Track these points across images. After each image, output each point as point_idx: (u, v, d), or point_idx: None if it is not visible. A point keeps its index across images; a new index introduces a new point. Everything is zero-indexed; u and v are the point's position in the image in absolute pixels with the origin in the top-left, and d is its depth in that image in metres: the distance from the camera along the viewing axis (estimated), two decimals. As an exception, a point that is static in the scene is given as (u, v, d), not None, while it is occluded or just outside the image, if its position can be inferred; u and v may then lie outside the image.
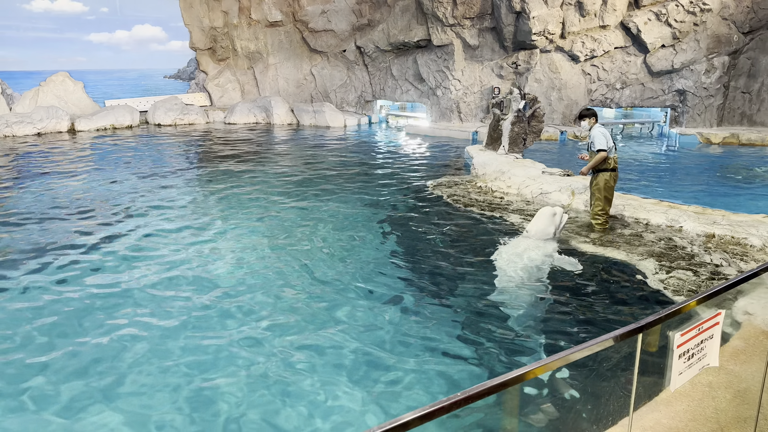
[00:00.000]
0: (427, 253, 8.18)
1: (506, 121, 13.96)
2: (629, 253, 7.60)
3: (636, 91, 21.44)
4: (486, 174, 12.51)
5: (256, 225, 9.58)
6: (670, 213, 8.91)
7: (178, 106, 24.90)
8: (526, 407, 4.16)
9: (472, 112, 23.28)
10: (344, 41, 26.63)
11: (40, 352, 5.36)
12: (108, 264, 7.74)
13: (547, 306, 6.27)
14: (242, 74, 28.31)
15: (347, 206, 10.86)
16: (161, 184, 12.88)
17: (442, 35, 22.90)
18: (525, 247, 7.69)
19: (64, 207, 10.83)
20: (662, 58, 20.75)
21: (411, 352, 5.32)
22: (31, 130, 21.12)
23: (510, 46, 22.12)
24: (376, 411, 4.44)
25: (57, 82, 24.17)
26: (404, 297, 6.59)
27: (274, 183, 12.97)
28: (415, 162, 15.95)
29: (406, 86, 25.28)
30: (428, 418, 1.76)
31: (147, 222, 9.77)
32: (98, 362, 5.16)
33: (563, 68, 21.58)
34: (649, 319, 2.14)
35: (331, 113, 24.58)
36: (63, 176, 13.68)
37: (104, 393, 4.68)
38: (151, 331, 5.74)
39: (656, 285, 6.62)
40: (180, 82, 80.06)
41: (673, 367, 2.28)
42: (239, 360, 5.19)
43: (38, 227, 9.53)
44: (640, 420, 3.56)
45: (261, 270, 7.48)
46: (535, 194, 10.75)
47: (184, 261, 7.81)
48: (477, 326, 5.81)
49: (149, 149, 18.25)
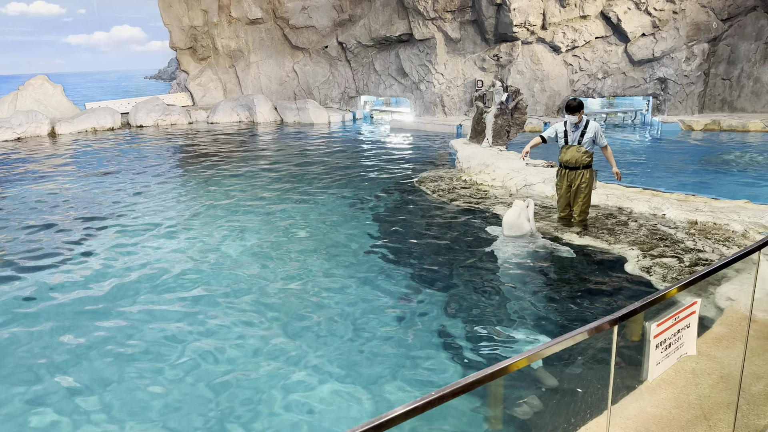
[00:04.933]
0: (411, 246, 8.17)
1: (489, 113, 13.97)
2: (612, 243, 7.63)
3: (618, 80, 21.55)
4: (470, 167, 12.51)
5: (241, 222, 9.51)
6: (653, 201, 8.96)
7: (160, 107, 24.67)
8: (508, 400, 4.16)
9: (455, 105, 23.29)
10: (326, 37, 26.51)
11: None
12: (92, 265, 7.65)
13: (529, 298, 6.29)
14: (224, 73, 28.11)
15: (331, 202, 10.82)
16: (144, 184, 12.75)
17: (423, 29, 22.86)
18: (507, 244, 7.71)
19: (46, 211, 10.69)
20: (643, 46, 20.87)
21: (391, 347, 5.30)
22: (10, 135, 20.83)
23: (491, 38, 22.14)
24: (359, 406, 4.42)
25: (36, 85, 23.86)
26: (387, 290, 6.57)
27: (259, 181, 12.89)
28: (399, 157, 15.92)
29: (390, 81, 25.23)
30: (415, 413, 1.74)
31: (131, 222, 9.67)
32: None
33: (545, 59, 21.64)
34: (624, 311, 2.13)
35: (314, 110, 24.48)
36: (45, 180, 13.50)
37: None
38: (140, 331, 5.68)
39: (640, 273, 6.65)
40: (161, 82, 79.34)
41: (651, 357, 2.28)
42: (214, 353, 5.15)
43: (22, 232, 9.40)
44: (625, 409, 3.57)
45: (245, 265, 7.42)
46: (520, 186, 10.77)
47: (167, 262, 7.73)
48: (459, 320, 5.81)
49: (131, 151, 18.07)
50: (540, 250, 7.52)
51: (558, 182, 8.65)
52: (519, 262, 7.26)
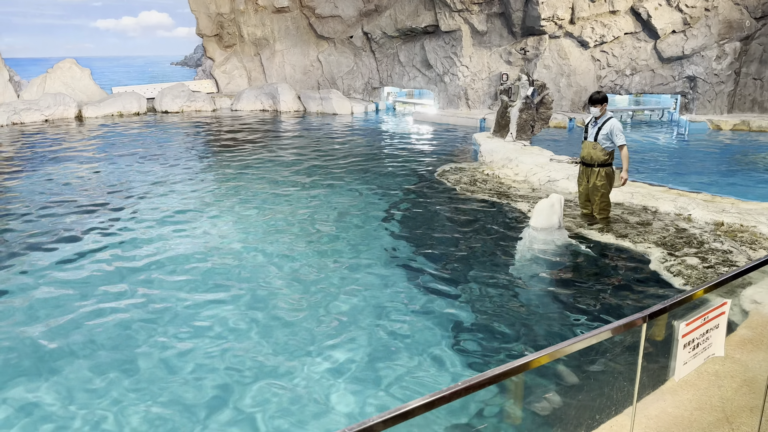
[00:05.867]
0: (431, 238, 8.16)
1: (514, 107, 13.86)
2: (636, 241, 7.55)
3: (646, 77, 21.22)
4: (493, 161, 12.44)
5: (261, 209, 9.57)
6: (679, 201, 8.84)
7: (185, 93, 24.88)
8: (529, 396, 4.15)
9: (479, 98, 23.14)
10: (351, 27, 26.47)
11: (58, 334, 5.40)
12: (117, 246, 7.76)
13: (553, 294, 6.25)
14: (249, 61, 28.22)
15: (353, 192, 10.83)
16: (168, 169, 12.89)
17: (449, 21, 22.71)
18: (532, 239, 7.67)
19: (72, 192, 10.87)
20: (673, 44, 20.51)
21: (416, 338, 5.31)
22: (38, 117, 21.19)
23: (518, 31, 21.92)
24: (379, 399, 4.45)
25: (64, 68, 24.20)
26: (407, 282, 6.58)
27: (280, 169, 12.96)
28: (421, 149, 15.88)
29: (414, 73, 25.13)
30: (430, 407, 1.74)
31: (155, 205, 9.79)
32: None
33: (572, 54, 21.38)
34: (654, 309, 2.11)
35: (338, 100, 24.50)
36: (70, 161, 13.71)
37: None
38: (166, 312, 5.77)
39: (663, 273, 6.57)
40: (187, 68, 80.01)
41: (678, 357, 2.25)
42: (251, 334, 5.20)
43: (46, 212, 9.57)
44: (646, 409, 3.54)
45: (268, 252, 7.48)
46: (543, 182, 10.68)
47: (190, 248, 7.82)
48: (483, 314, 5.80)
49: (156, 136, 18.27)
50: (563, 247, 7.47)
51: (579, 177, 8.57)
52: (541, 258, 7.22)
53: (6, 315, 5.88)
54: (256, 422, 4.16)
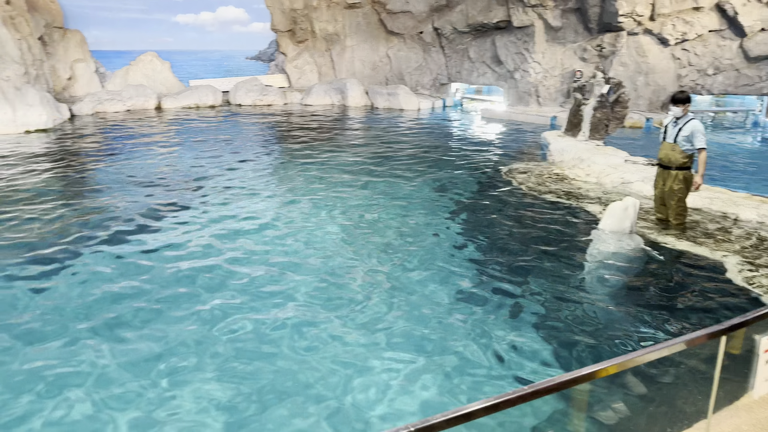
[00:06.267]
0: (497, 240, 8.07)
1: (588, 106, 13.48)
2: (714, 249, 7.21)
3: (730, 77, 20.17)
4: (563, 161, 12.16)
5: (326, 202, 9.72)
6: (762, 208, 8.38)
7: (258, 88, 25.56)
8: (596, 404, 4.05)
9: (551, 96, 22.64)
10: (421, 23, 26.43)
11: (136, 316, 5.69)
12: (188, 232, 8.09)
13: (624, 302, 6.06)
14: (320, 56, 28.66)
15: (418, 188, 10.84)
16: (241, 159, 13.29)
17: (523, 16, 22.31)
18: (601, 242, 7.46)
19: (151, 179, 11.38)
20: (761, 42, 19.38)
21: (477, 342, 5.28)
22: (121, 107, 22.29)
23: (595, 27, 21.30)
24: (437, 400, 4.45)
25: (145, 61, 25.33)
26: (472, 283, 6.54)
27: (347, 163, 13.11)
28: (489, 147, 15.70)
29: (483, 69, 24.85)
30: (493, 410, 1.74)
31: (229, 197, 10.13)
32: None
33: (651, 52, 20.57)
34: (734, 321, 2.02)
35: (405, 96, 24.53)
36: (152, 148, 14.36)
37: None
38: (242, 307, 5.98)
39: (742, 283, 6.26)
40: (260, 63, 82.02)
41: (758, 373, 2.15)
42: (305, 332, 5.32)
43: (127, 197, 10.07)
44: (719, 425, 3.39)
45: (329, 243, 7.60)
46: (616, 184, 10.36)
47: (254, 236, 8.05)
48: (549, 318, 5.70)
49: (230, 128, 18.86)
50: (635, 253, 7.22)
51: (655, 180, 8.25)
52: (611, 263, 7.01)
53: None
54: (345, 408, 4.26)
